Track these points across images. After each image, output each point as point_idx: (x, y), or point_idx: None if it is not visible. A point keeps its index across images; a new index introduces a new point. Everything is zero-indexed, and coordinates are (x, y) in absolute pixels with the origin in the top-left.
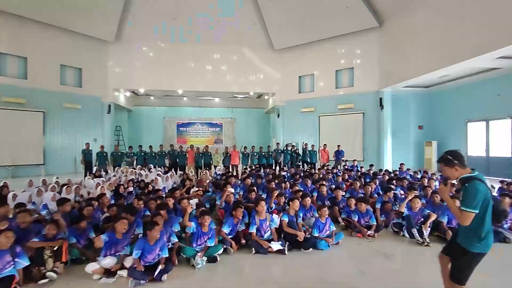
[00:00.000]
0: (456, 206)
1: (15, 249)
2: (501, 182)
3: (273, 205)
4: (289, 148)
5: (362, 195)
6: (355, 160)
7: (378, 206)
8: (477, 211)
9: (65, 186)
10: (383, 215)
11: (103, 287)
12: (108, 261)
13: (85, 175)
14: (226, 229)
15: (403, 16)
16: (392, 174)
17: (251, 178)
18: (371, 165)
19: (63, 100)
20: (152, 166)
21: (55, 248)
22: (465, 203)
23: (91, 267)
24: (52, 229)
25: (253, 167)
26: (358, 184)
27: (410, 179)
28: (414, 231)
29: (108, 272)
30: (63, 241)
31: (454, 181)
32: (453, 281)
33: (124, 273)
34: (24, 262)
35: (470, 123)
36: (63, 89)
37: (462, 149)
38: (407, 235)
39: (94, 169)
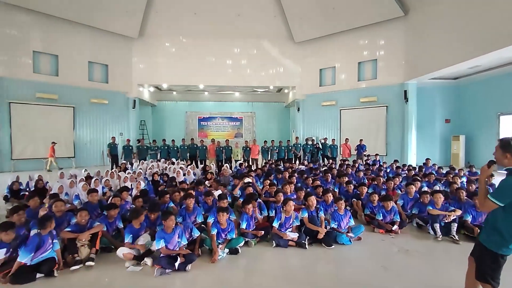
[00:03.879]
0: (484, 191)
1: (53, 232)
2: None
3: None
4: (309, 143)
5: (384, 191)
6: (377, 154)
7: (400, 202)
8: (501, 204)
9: (94, 179)
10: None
11: (131, 275)
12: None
13: (112, 168)
14: (243, 225)
15: (430, 4)
16: (417, 170)
17: (272, 173)
18: (396, 161)
19: (91, 96)
20: (174, 159)
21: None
22: (494, 192)
23: (122, 251)
24: (83, 216)
25: (273, 162)
26: (381, 180)
27: (436, 175)
28: (437, 226)
29: (137, 258)
30: (101, 226)
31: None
32: (480, 281)
33: (149, 261)
34: (57, 246)
35: (502, 116)
36: (91, 85)
37: (492, 144)
38: (431, 232)
39: (120, 162)
